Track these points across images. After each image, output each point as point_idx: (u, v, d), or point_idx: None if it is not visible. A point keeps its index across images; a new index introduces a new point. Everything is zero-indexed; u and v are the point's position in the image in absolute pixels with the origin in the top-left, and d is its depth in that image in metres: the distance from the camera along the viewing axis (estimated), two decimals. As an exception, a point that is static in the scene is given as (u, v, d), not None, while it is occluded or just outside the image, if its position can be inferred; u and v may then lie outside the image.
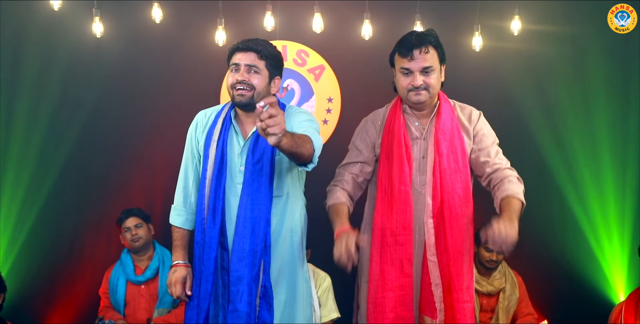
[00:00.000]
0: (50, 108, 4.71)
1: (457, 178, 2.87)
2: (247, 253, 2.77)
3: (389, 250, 2.86)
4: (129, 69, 4.80)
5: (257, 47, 2.79)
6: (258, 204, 2.79)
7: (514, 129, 4.80)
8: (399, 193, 2.85)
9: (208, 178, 2.84)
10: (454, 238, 2.83)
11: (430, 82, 2.84)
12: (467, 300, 2.83)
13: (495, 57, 4.78)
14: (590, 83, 4.74)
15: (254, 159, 2.80)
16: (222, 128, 2.87)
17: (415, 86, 2.83)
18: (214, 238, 2.82)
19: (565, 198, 4.77)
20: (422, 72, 2.83)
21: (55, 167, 4.76)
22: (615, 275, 4.70)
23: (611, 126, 4.72)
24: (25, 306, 4.69)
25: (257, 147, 2.81)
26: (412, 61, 2.82)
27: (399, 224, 2.85)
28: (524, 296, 4.32)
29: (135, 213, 4.32)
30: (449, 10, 4.78)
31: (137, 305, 4.27)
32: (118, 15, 4.71)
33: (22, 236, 4.73)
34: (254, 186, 2.79)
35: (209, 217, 2.83)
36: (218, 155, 2.84)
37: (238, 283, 2.78)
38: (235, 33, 4.66)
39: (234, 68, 2.81)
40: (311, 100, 4.86)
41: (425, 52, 2.82)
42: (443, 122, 2.90)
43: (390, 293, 2.84)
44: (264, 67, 2.81)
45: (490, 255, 4.19)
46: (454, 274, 2.82)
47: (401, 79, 2.87)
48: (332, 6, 4.69)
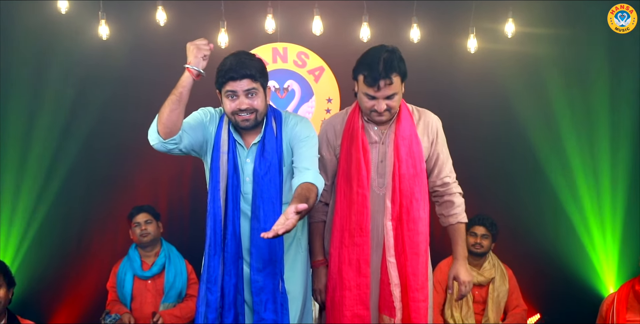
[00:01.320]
0: (58, 109, 4.70)
1: (415, 182, 2.87)
2: (267, 263, 2.73)
3: (346, 250, 2.86)
4: (135, 70, 4.79)
5: (249, 72, 2.69)
6: (272, 214, 2.73)
7: (508, 128, 4.83)
8: (356, 196, 2.85)
9: (222, 188, 2.76)
10: (412, 240, 2.85)
11: (393, 105, 2.80)
12: (422, 299, 2.86)
13: (489, 58, 4.77)
14: (588, 83, 4.73)
15: (261, 171, 2.75)
16: (229, 140, 2.80)
17: (379, 111, 2.79)
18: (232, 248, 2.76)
19: (557, 194, 4.78)
20: (386, 98, 2.78)
21: (63, 167, 4.75)
22: (605, 269, 4.71)
23: (608, 125, 4.71)
24: (34, 300, 4.70)
25: (263, 160, 2.76)
26: (377, 92, 2.76)
27: (357, 225, 2.85)
28: (514, 288, 4.33)
29: (146, 209, 4.32)
30: (445, 13, 4.77)
31: (143, 299, 4.25)
32: (123, 18, 4.71)
33: (32, 233, 4.73)
34: (265, 198, 2.74)
35: (228, 228, 2.76)
36: (230, 167, 2.76)
37: (261, 292, 2.75)
38: (237, 35, 4.66)
39: (231, 95, 2.72)
40: (311, 100, 4.85)
41: (389, 84, 2.74)
42: (402, 128, 2.87)
43: (348, 292, 2.86)
44: (259, 86, 2.73)
45: (475, 239, 4.23)
46: (411, 274, 2.84)
47: (365, 100, 2.82)
48: (331, 9, 4.69)
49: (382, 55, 2.75)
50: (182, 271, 4.28)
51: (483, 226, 4.23)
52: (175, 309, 4.19)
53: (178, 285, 4.25)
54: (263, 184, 2.73)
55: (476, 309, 4.24)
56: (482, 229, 4.23)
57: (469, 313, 4.19)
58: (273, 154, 2.76)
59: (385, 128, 2.90)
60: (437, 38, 4.75)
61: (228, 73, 2.70)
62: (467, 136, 4.69)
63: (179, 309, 4.18)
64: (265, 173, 2.74)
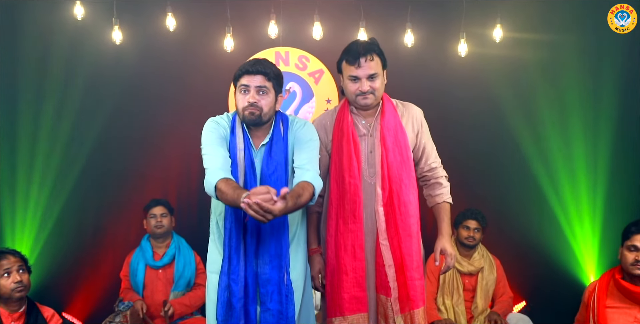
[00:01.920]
0: (75, 108, 4.72)
1: (402, 169, 2.93)
2: (273, 257, 2.76)
3: (342, 237, 2.92)
4: (146, 73, 4.81)
5: (265, 70, 2.76)
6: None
7: (496, 128, 4.83)
8: (349, 186, 2.91)
9: (241, 182, 2.77)
10: (404, 222, 2.90)
11: (376, 87, 2.90)
12: (418, 278, 2.91)
13: (479, 62, 4.78)
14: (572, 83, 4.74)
15: (268, 170, 2.79)
16: (244, 137, 2.83)
17: (363, 91, 2.88)
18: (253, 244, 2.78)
19: (541, 189, 4.78)
20: (369, 78, 2.88)
21: (79, 162, 4.77)
22: (586, 259, 4.73)
23: (583, 122, 4.73)
24: (52, 289, 4.72)
25: (270, 159, 2.80)
26: (359, 69, 2.86)
27: (350, 213, 2.91)
28: (501, 277, 4.35)
29: (163, 203, 4.36)
30: (437, 19, 4.78)
31: (154, 288, 4.29)
32: (135, 24, 4.73)
33: (49, 225, 4.75)
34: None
35: (249, 222, 2.77)
36: (248, 163, 2.80)
37: (267, 284, 2.77)
38: (242, 40, 4.69)
39: (244, 89, 2.78)
40: (311, 101, 4.87)
41: (370, 60, 2.87)
42: (387, 119, 2.95)
43: (345, 275, 2.91)
44: (271, 87, 2.79)
45: (468, 232, 4.26)
46: (405, 255, 2.89)
47: (349, 85, 2.92)
48: (330, 15, 4.71)
49: (359, 41, 2.98)
50: (191, 262, 4.32)
51: (475, 220, 4.26)
52: (184, 298, 4.22)
53: (187, 274, 4.29)
54: (270, 182, 2.75)
55: (466, 297, 4.27)
56: (474, 223, 4.26)
57: (460, 300, 4.23)
58: (280, 154, 2.80)
59: (372, 121, 2.97)
60: (430, 42, 4.75)
61: (245, 67, 2.77)
62: (458, 135, 4.72)
63: (188, 299, 4.22)
64: (272, 172, 2.78)
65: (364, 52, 2.86)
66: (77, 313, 4.77)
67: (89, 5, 4.55)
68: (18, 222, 4.69)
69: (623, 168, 4.68)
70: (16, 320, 3.33)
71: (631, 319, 3.07)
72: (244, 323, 2.75)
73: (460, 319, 4.16)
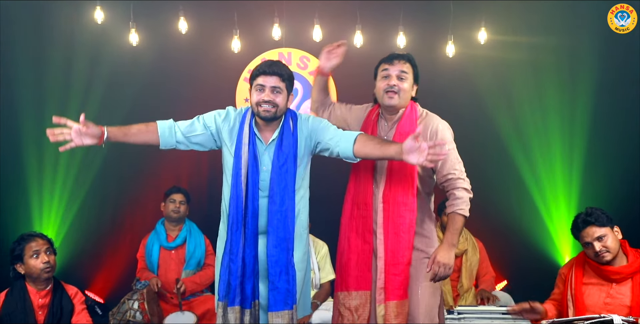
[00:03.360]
0: (96, 103, 4.75)
1: (401, 172, 2.90)
2: (282, 241, 2.78)
3: (354, 221, 2.91)
4: (160, 72, 4.84)
5: (280, 71, 2.79)
6: (287, 199, 2.80)
7: (481, 122, 4.85)
8: (364, 177, 2.93)
9: (243, 174, 2.81)
10: (394, 221, 2.86)
11: (403, 87, 2.88)
12: (396, 273, 2.85)
13: (466, 61, 4.80)
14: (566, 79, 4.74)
15: (279, 162, 2.81)
16: (250, 133, 2.85)
17: (390, 85, 2.86)
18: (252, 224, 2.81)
19: (521, 177, 4.81)
20: (398, 77, 2.88)
21: (100, 154, 4.80)
22: (562, 241, 4.76)
23: (561, 119, 4.75)
24: (75, 268, 4.77)
25: (281, 152, 2.82)
26: (391, 66, 2.88)
27: (362, 200, 2.91)
28: (484, 258, 4.37)
29: (183, 191, 4.37)
30: (427, 22, 4.80)
31: (167, 267, 4.31)
32: (151, 27, 4.75)
33: (73, 211, 4.80)
34: (282, 185, 2.79)
35: (249, 208, 2.81)
36: (251, 156, 2.82)
37: (275, 265, 2.79)
38: (248, 41, 4.71)
39: (259, 88, 2.79)
40: (312, 97, 4.87)
41: (403, 63, 2.89)
42: (402, 125, 2.92)
43: (354, 256, 2.91)
44: (284, 87, 2.81)
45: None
46: (389, 251, 2.87)
47: (380, 81, 2.92)
48: (329, 19, 4.72)
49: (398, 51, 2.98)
50: (201, 243, 4.34)
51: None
52: (195, 276, 4.25)
53: (197, 255, 4.31)
54: (280, 173, 2.78)
55: (452, 277, 4.23)
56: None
57: (445, 281, 4.18)
58: (289, 148, 2.82)
59: (392, 124, 2.96)
60: (420, 43, 4.77)
61: (262, 68, 2.79)
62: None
63: (198, 277, 4.25)
64: (282, 164, 2.80)
65: (399, 56, 2.91)
66: (98, 291, 4.82)
67: (108, 10, 4.57)
68: (45, 209, 4.73)
69: (596, 159, 4.71)
70: (43, 297, 3.36)
71: (604, 294, 3.10)
72: (240, 299, 2.80)
73: (447, 298, 4.18)
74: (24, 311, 3.29)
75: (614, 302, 3.05)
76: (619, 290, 3.07)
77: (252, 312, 2.82)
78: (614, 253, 3.06)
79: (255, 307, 2.83)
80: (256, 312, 2.84)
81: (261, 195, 2.82)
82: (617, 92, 4.66)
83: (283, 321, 2.79)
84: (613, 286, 3.09)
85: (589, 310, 3.01)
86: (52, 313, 3.34)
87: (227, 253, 2.84)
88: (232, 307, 2.80)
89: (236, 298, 2.80)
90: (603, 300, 3.07)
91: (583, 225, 3.09)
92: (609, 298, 3.07)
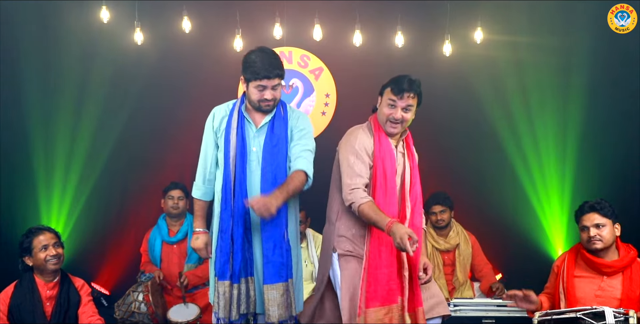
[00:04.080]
0: (102, 101, 4.77)
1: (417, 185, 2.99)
2: (274, 217, 2.82)
3: (384, 234, 2.76)
4: (164, 70, 4.83)
5: (280, 72, 2.88)
6: (280, 177, 2.90)
7: (477, 120, 4.85)
8: (391, 190, 2.90)
9: (232, 157, 2.91)
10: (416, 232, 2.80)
11: (407, 118, 2.91)
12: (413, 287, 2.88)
13: (462, 61, 4.79)
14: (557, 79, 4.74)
15: (272, 143, 2.92)
16: (239, 119, 2.96)
17: (395, 118, 2.89)
18: (240, 203, 2.88)
19: (514, 171, 4.81)
20: (404, 110, 2.89)
21: (105, 150, 4.82)
22: (555, 235, 4.77)
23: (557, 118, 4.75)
24: (82, 262, 4.77)
25: (274, 135, 2.93)
26: (400, 100, 2.87)
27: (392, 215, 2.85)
28: (478, 251, 4.40)
29: (181, 187, 4.38)
30: (425, 22, 4.80)
31: (170, 261, 4.34)
32: (155, 27, 4.75)
33: (80, 206, 4.80)
34: (274, 164, 2.90)
35: (236, 188, 2.90)
36: (239, 139, 2.92)
37: (269, 240, 2.88)
38: (250, 40, 4.69)
39: (261, 88, 2.87)
40: (312, 95, 4.90)
41: (412, 97, 2.88)
42: (408, 142, 3.03)
43: (385, 269, 2.85)
44: (281, 82, 2.93)
45: (435, 216, 4.30)
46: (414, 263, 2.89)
47: (385, 108, 2.92)
48: (329, 18, 4.72)
49: (408, 76, 2.91)
50: None
51: (438, 204, 4.27)
52: (197, 270, 4.26)
53: None
54: (273, 153, 2.90)
55: (446, 271, 4.32)
56: (438, 207, 4.28)
57: (440, 275, 4.28)
58: (281, 130, 2.94)
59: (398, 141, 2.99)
60: (418, 42, 4.78)
61: (264, 72, 2.84)
62: (441, 123, 4.76)
63: (200, 270, 4.25)
64: (275, 144, 2.92)
65: (409, 89, 2.86)
66: (104, 283, 4.83)
67: (113, 9, 4.57)
68: (53, 204, 4.74)
69: (589, 154, 4.72)
70: (51, 289, 3.39)
71: (595, 287, 3.13)
72: (229, 274, 2.87)
73: (443, 291, 4.18)
74: (32, 303, 3.32)
75: (604, 294, 3.09)
76: (610, 283, 3.11)
77: (240, 287, 2.89)
78: (606, 244, 3.10)
79: (248, 283, 2.90)
80: (248, 287, 2.90)
81: (252, 176, 2.91)
82: (613, 92, 4.65)
83: (278, 293, 2.86)
84: (604, 279, 3.12)
85: (580, 302, 3.04)
86: (59, 304, 3.37)
87: (218, 232, 2.94)
88: (222, 281, 2.89)
89: (226, 273, 2.88)
90: (594, 292, 3.11)
91: (587, 210, 3.16)
92: (600, 291, 3.11)
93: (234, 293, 2.88)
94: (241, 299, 2.89)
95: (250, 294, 2.91)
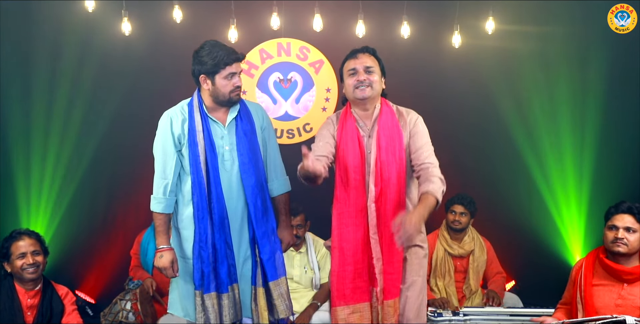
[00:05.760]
0: (86, 96, 4.74)
1: (392, 169, 2.92)
2: (263, 213, 2.97)
3: (346, 230, 2.91)
4: (154, 62, 4.81)
5: (242, 57, 2.99)
6: (260, 169, 2.99)
7: (488, 115, 4.84)
8: (354, 182, 2.92)
9: (202, 161, 2.94)
10: (388, 219, 2.87)
11: (373, 79, 2.93)
12: (392, 272, 2.91)
13: (472, 52, 4.78)
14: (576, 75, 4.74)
15: (246, 138, 2.99)
16: (202, 120, 2.98)
17: (360, 81, 2.91)
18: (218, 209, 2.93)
19: (530, 174, 4.81)
20: (366, 71, 2.92)
21: (90, 147, 4.80)
22: (572, 241, 4.77)
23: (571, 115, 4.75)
24: (66, 268, 4.75)
25: (244, 128, 3.00)
26: (356, 60, 2.93)
27: (353, 208, 2.91)
28: (492, 258, 4.39)
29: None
30: (432, 11, 4.78)
31: (163, 266, 4.32)
32: (144, 16, 4.72)
33: (63, 208, 4.78)
34: (254, 157, 2.98)
35: (212, 193, 2.92)
36: (207, 141, 2.94)
37: (263, 236, 2.97)
38: (245, 31, 4.68)
39: (230, 76, 2.95)
40: (312, 90, 4.87)
41: (368, 56, 2.96)
42: (384, 120, 2.96)
43: (349, 267, 2.92)
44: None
45: (454, 216, 4.30)
46: (386, 251, 2.91)
47: (348, 80, 2.96)
48: (330, 8, 4.70)
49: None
50: None
51: (461, 205, 4.28)
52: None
53: None
54: (246, 142, 2.97)
55: (457, 278, 4.31)
56: (460, 207, 4.28)
57: (451, 282, 4.28)
58: (249, 121, 3.02)
59: (370, 123, 2.98)
60: (425, 34, 4.76)
61: (232, 55, 2.93)
62: (451, 122, 4.74)
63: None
64: (249, 138, 2.99)
65: (361, 50, 2.98)
66: (89, 291, 4.81)
67: (99, -3, 4.55)
68: (33, 205, 4.72)
69: (607, 157, 4.72)
70: (32, 298, 3.37)
71: (615, 295, 3.11)
72: (214, 284, 2.92)
73: (452, 299, 4.20)
74: (12, 312, 3.31)
75: (625, 303, 3.07)
76: (631, 291, 3.09)
77: (230, 296, 2.95)
78: (631, 251, 3.09)
79: (234, 291, 2.97)
80: (235, 296, 2.97)
81: (228, 176, 2.95)
82: (628, 87, 4.66)
83: (283, 288, 3.01)
84: (624, 287, 3.10)
85: (600, 312, 3.02)
86: (41, 313, 3.36)
87: (196, 242, 2.95)
88: (208, 294, 2.92)
89: (211, 284, 2.92)
90: (614, 301, 3.09)
91: (624, 210, 3.15)
92: (620, 299, 3.09)
93: (224, 303, 2.91)
94: (230, 308, 2.93)
95: (236, 301, 2.97)
